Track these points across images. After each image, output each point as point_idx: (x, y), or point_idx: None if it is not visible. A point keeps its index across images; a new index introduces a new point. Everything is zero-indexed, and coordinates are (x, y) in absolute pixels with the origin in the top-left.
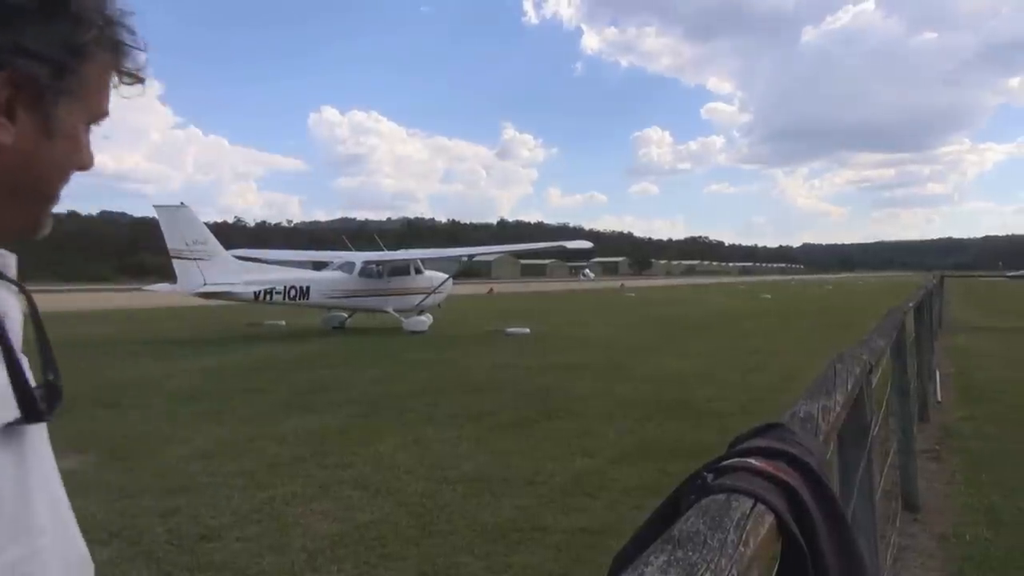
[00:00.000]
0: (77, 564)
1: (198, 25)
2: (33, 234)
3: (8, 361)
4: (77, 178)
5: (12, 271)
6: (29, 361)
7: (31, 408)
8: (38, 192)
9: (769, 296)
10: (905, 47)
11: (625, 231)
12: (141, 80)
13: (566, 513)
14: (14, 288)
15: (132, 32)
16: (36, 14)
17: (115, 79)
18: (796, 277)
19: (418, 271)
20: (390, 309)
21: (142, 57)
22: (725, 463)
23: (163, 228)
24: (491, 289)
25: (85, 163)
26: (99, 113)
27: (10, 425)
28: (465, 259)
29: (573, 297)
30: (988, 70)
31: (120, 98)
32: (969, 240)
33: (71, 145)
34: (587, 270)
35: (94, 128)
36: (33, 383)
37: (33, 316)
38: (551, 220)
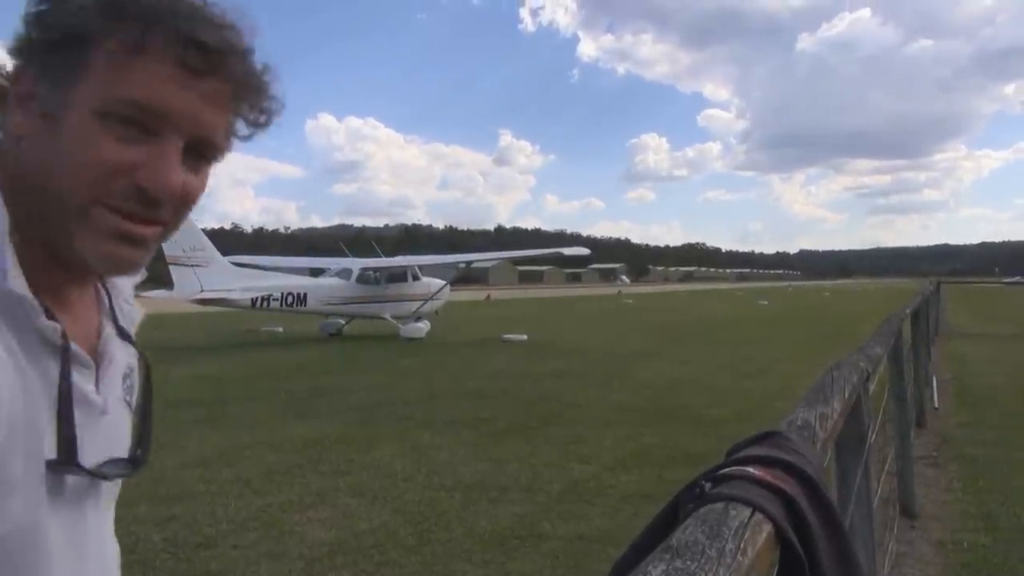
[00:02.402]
0: None
1: None
2: (87, 265)
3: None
4: None
5: (134, 326)
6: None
7: (69, 460)
8: (50, 196)
9: (766, 302)
10: (901, 54)
11: (622, 237)
12: (202, 73)
13: (564, 520)
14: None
15: (188, 19)
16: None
17: (172, 69)
18: (793, 283)
19: (415, 277)
20: (387, 316)
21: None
22: (723, 471)
23: None
24: (489, 295)
25: (94, 160)
26: (114, 99)
27: (52, 471)
28: (462, 265)
29: (570, 303)
30: (983, 77)
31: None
32: (965, 246)
33: (78, 142)
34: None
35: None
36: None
37: (145, 383)
38: (548, 226)
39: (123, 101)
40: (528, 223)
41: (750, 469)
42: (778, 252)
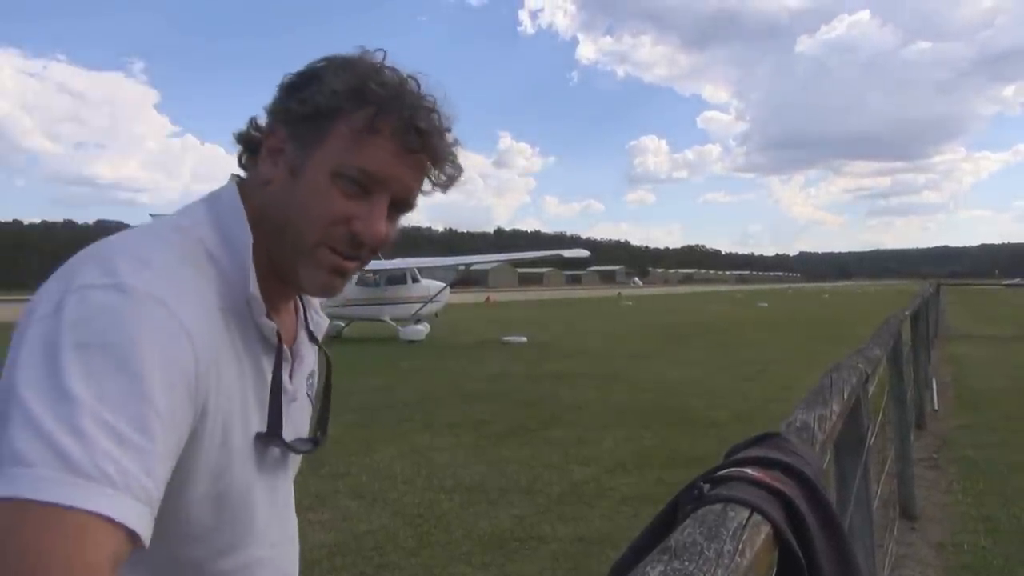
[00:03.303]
0: None
1: (196, 35)
2: (298, 280)
3: (274, 401)
4: (73, 187)
5: (321, 333)
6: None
7: (276, 434)
8: (294, 230)
9: (766, 304)
10: (900, 56)
11: (622, 239)
12: (415, 150)
13: (564, 522)
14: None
15: (426, 109)
16: (305, 85)
17: (394, 147)
18: (793, 286)
19: (415, 280)
20: (387, 318)
21: (449, 138)
22: (721, 473)
23: None
24: (488, 298)
25: (331, 213)
26: (348, 165)
27: (261, 441)
28: (462, 268)
29: (570, 305)
30: (983, 79)
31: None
32: (965, 248)
33: (312, 189)
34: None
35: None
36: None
37: (327, 379)
38: (548, 228)
39: (355, 168)
40: (528, 225)
41: (748, 470)
42: (778, 254)
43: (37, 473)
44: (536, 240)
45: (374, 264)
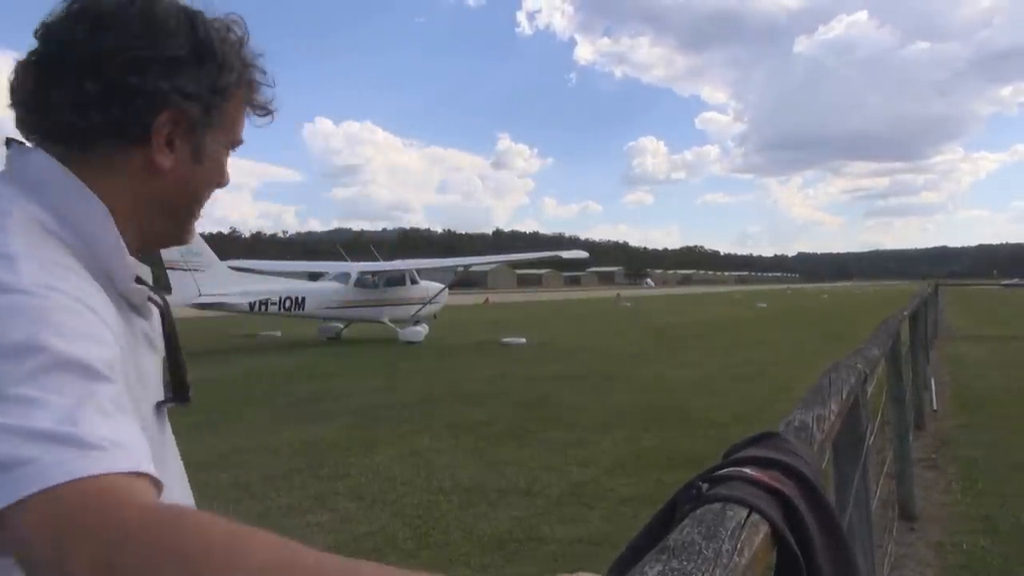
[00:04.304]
0: None
1: None
2: (180, 243)
3: (173, 356)
4: None
5: (150, 280)
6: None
7: (183, 394)
8: (188, 207)
9: (765, 305)
10: (898, 57)
11: (620, 240)
12: (271, 112)
13: (563, 523)
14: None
15: (263, 72)
16: (191, 63)
17: (249, 111)
18: (792, 286)
19: (414, 281)
20: (386, 319)
21: (271, 92)
22: (720, 472)
23: None
24: (487, 299)
25: (223, 182)
26: (237, 140)
27: (160, 405)
28: (461, 269)
29: (569, 307)
30: (980, 79)
31: (254, 127)
32: (963, 248)
33: (215, 168)
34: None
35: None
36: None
37: (171, 325)
38: (546, 230)
39: (239, 141)
40: (526, 226)
41: (747, 470)
42: (776, 255)
43: (59, 457)
44: (535, 241)
45: (374, 266)
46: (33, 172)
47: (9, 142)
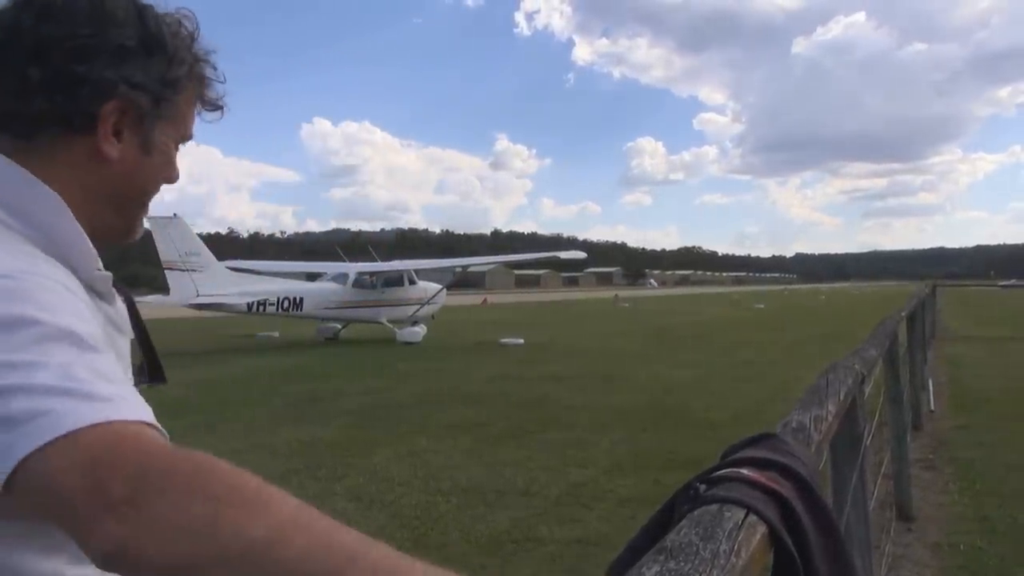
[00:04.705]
0: None
1: None
2: (127, 238)
3: (145, 340)
4: None
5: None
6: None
7: (159, 375)
8: (136, 200)
9: (763, 306)
10: (895, 58)
11: (619, 241)
12: (220, 108)
13: (561, 524)
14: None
15: (214, 68)
16: (140, 54)
17: (199, 107)
18: (790, 287)
19: (412, 282)
20: (384, 320)
21: (221, 88)
22: (717, 473)
23: (156, 239)
24: (485, 300)
25: (173, 177)
26: (186, 135)
27: (137, 386)
28: (459, 269)
29: (567, 307)
30: (978, 80)
31: (203, 123)
32: (961, 249)
33: (164, 161)
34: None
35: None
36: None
37: (136, 314)
38: (545, 230)
39: (189, 135)
40: (524, 227)
41: (744, 471)
42: (774, 255)
43: (76, 405)
44: (533, 242)
45: (372, 266)
46: None
47: None
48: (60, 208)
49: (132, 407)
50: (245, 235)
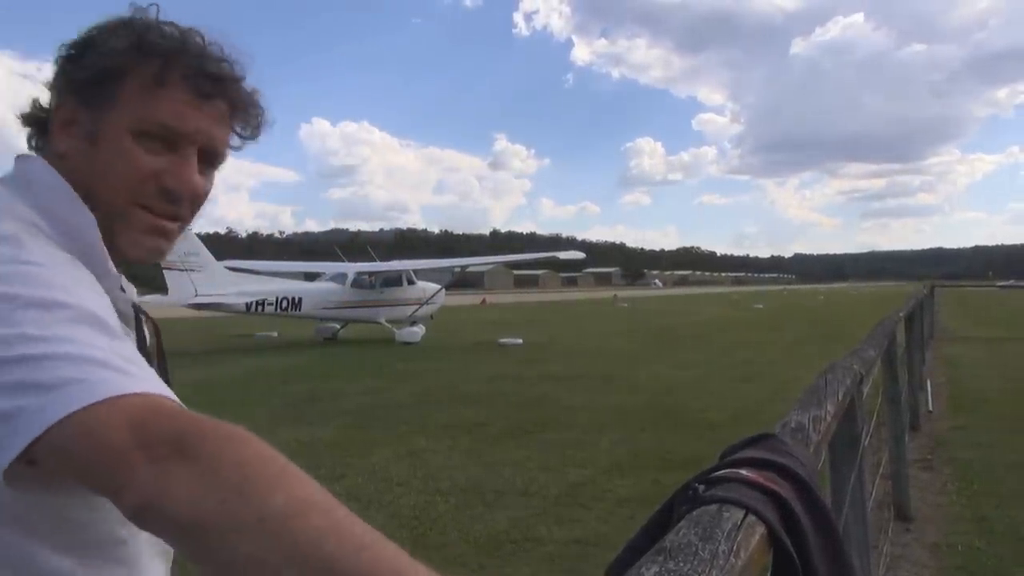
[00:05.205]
0: None
1: None
2: (125, 255)
3: (164, 369)
4: None
5: (134, 297)
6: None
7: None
8: (98, 202)
9: (762, 306)
10: (894, 58)
11: (617, 241)
12: (221, 80)
13: (560, 524)
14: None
15: (186, 47)
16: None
17: (184, 86)
18: (788, 287)
19: (411, 282)
20: (383, 320)
21: (222, 65)
22: (716, 474)
23: None
24: (484, 300)
25: (133, 171)
26: (147, 124)
27: None
28: (458, 270)
29: (566, 307)
30: (976, 81)
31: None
32: (959, 250)
33: (115, 151)
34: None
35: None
36: None
37: (160, 345)
38: (544, 231)
39: (154, 123)
40: (523, 227)
41: (743, 471)
42: (773, 256)
43: (99, 375)
44: (532, 242)
45: (370, 266)
46: (32, 177)
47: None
48: (92, 228)
49: (158, 386)
50: (244, 235)
